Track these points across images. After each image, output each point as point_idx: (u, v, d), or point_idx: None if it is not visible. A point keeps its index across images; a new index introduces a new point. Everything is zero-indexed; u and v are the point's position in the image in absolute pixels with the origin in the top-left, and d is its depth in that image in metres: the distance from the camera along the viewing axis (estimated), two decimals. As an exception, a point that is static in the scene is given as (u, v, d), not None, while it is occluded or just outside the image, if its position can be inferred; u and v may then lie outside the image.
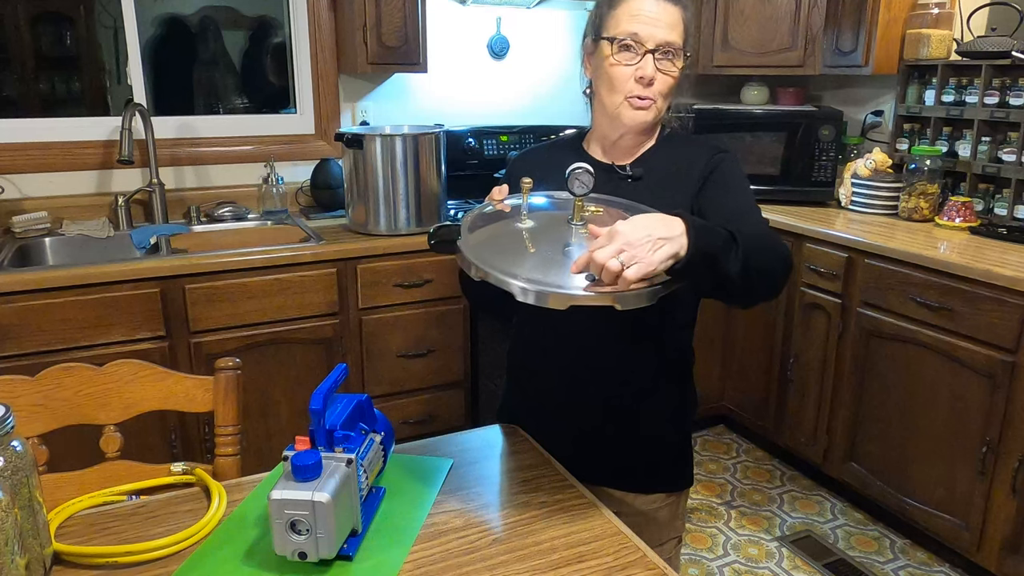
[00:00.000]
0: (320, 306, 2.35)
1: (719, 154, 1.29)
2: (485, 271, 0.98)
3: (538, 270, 0.98)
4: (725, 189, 1.26)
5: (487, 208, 1.18)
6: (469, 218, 1.13)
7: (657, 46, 1.20)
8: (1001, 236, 2.39)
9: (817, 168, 2.93)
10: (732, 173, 1.28)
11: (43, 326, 2.02)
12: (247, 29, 3.33)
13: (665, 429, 1.38)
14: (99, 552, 0.98)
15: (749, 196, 1.27)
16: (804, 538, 2.52)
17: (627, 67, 1.22)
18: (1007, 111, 2.51)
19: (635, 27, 1.20)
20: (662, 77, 1.22)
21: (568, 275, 0.97)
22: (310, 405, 0.96)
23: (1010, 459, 2.08)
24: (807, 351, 2.69)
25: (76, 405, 1.34)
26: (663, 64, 1.21)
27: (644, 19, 1.20)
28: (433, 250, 1.09)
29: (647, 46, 1.20)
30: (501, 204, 1.18)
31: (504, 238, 1.08)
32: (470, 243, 1.05)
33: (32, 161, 2.47)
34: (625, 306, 0.93)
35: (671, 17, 1.20)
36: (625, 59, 1.21)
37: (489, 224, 1.13)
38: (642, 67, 1.20)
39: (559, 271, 0.98)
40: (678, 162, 1.30)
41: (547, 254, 1.04)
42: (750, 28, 3.05)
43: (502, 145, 3.02)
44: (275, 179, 2.73)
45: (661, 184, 1.28)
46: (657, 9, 1.20)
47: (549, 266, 0.99)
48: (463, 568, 0.97)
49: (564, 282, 0.96)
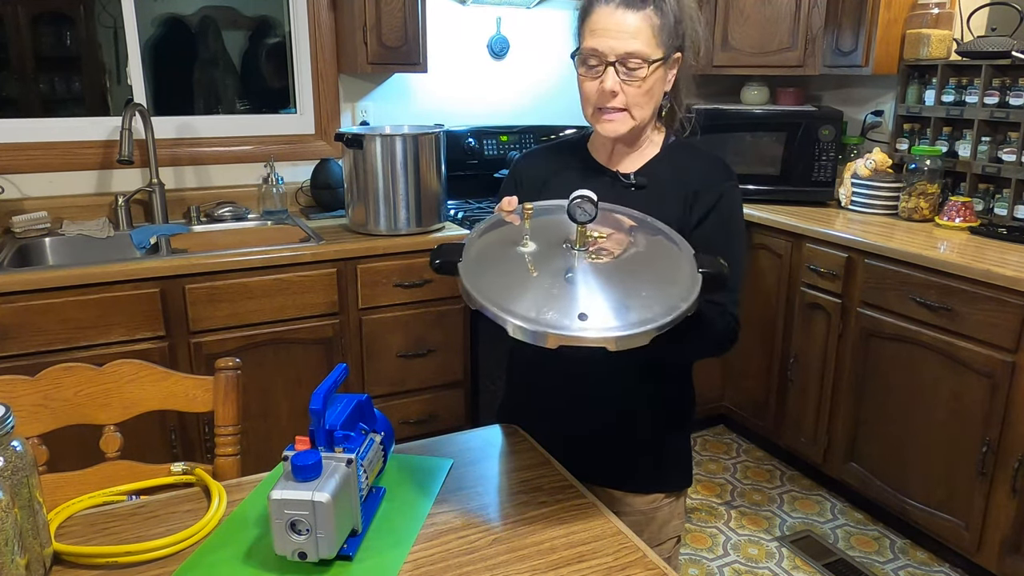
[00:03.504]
0: (320, 306, 2.35)
1: (728, 183, 1.29)
2: (482, 304, 0.98)
3: (537, 303, 0.98)
4: (725, 233, 1.26)
5: (495, 220, 1.17)
6: (475, 235, 1.12)
7: (618, 58, 1.20)
8: (1001, 236, 2.39)
9: (817, 168, 2.93)
10: (733, 211, 1.29)
11: (43, 326, 2.02)
12: (247, 29, 3.33)
13: (664, 429, 1.38)
14: (99, 552, 0.98)
15: (741, 242, 1.28)
16: (804, 538, 2.52)
17: (592, 81, 1.23)
18: (1007, 111, 2.51)
19: (595, 41, 1.20)
20: (628, 87, 1.21)
21: (565, 311, 0.97)
22: (310, 405, 0.96)
23: (1010, 459, 2.08)
24: (807, 351, 2.69)
25: (76, 405, 1.34)
26: (627, 75, 1.21)
27: (602, 32, 1.20)
28: (436, 272, 1.08)
29: (608, 59, 1.20)
30: (511, 216, 1.17)
31: (505, 263, 1.07)
32: (470, 269, 1.04)
33: (32, 161, 2.47)
34: (620, 347, 0.95)
35: (632, 27, 1.19)
36: (590, 74, 1.23)
37: (492, 245, 1.11)
38: (603, 80, 1.21)
39: (557, 304, 0.98)
40: (683, 176, 1.30)
41: (547, 284, 1.02)
42: (750, 28, 3.05)
43: (502, 145, 3.02)
44: (275, 179, 2.73)
45: (662, 195, 1.28)
46: (616, 21, 1.19)
47: (548, 299, 0.99)
48: (463, 568, 0.97)
49: (560, 319, 0.96)
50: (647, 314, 0.97)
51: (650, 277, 1.05)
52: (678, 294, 1.01)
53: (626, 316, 0.97)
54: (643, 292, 1.01)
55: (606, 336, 0.94)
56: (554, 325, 0.95)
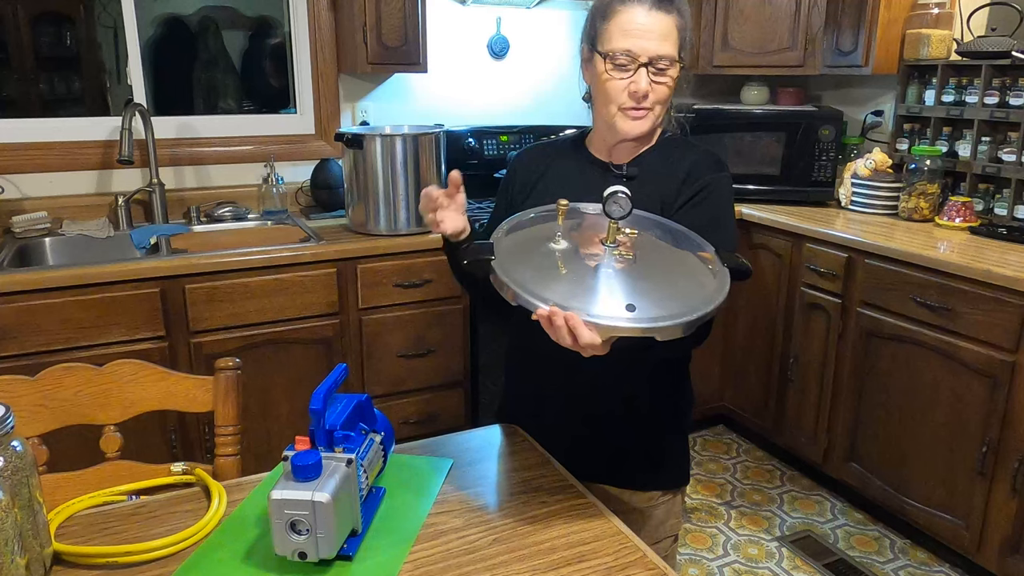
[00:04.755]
0: (320, 306, 2.35)
1: (718, 174, 1.29)
2: (516, 292, 0.99)
3: (581, 296, 0.99)
4: (714, 224, 1.25)
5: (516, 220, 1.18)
6: (501, 234, 1.13)
7: (650, 59, 1.20)
8: (1001, 236, 2.38)
9: (817, 168, 2.93)
10: (721, 202, 1.28)
11: (43, 326, 2.02)
12: (247, 29, 3.33)
13: (662, 428, 1.39)
14: (99, 552, 0.98)
15: (729, 234, 1.28)
16: (804, 538, 2.52)
17: (620, 81, 1.23)
18: (1007, 111, 2.51)
19: (627, 43, 1.20)
20: (657, 87, 1.22)
21: (612, 304, 0.98)
22: (310, 405, 0.96)
23: (1010, 459, 2.08)
24: (807, 351, 2.69)
25: (76, 405, 1.34)
26: (657, 76, 1.21)
27: (636, 33, 1.20)
28: (467, 268, 1.09)
29: (640, 60, 1.20)
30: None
31: (540, 259, 1.08)
32: (504, 264, 1.05)
33: (32, 161, 2.47)
34: (664, 337, 0.97)
35: (663, 28, 1.20)
36: (618, 74, 1.22)
37: (524, 243, 1.13)
38: (636, 81, 1.21)
39: (602, 298, 1.00)
40: (673, 164, 1.30)
41: (580, 276, 1.04)
42: (750, 28, 3.05)
43: (502, 145, 3.02)
44: (275, 179, 2.73)
45: (652, 183, 1.29)
46: (648, 21, 1.20)
47: (591, 293, 1.01)
48: (463, 568, 0.97)
49: (599, 308, 0.97)
50: (688, 306, 1.00)
51: (682, 272, 1.10)
52: (712, 287, 1.05)
53: (669, 307, 0.99)
54: (680, 285, 1.06)
55: (655, 327, 0.96)
56: (603, 316, 0.97)
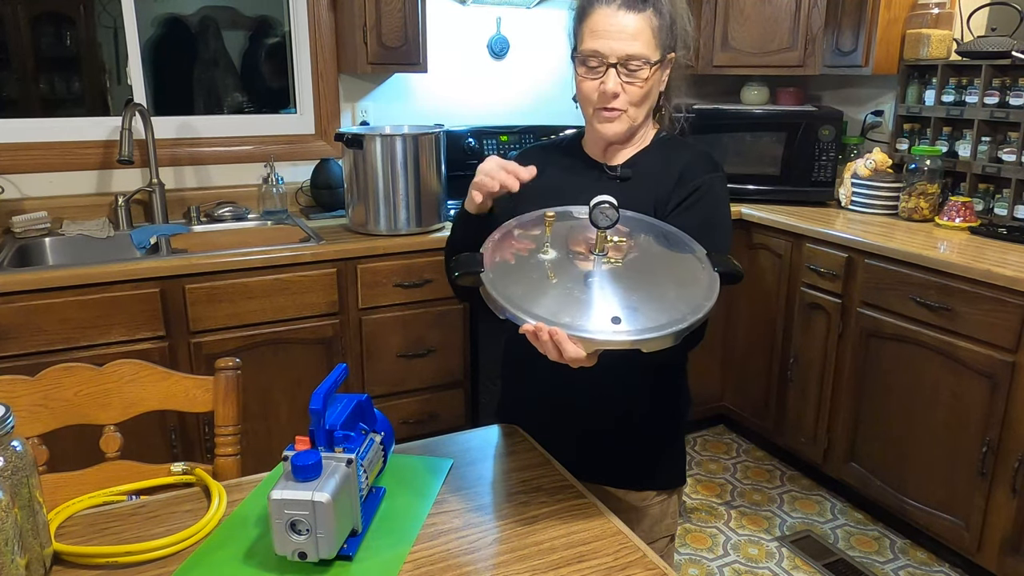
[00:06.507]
0: (320, 306, 2.35)
1: (712, 175, 1.28)
2: (504, 307, 0.99)
3: (568, 308, 0.99)
4: (708, 225, 1.24)
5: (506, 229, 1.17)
6: (490, 245, 1.12)
7: (619, 60, 1.21)
8: (1001, 236, 2.38)
9: (817, 168, 2.93)
10: (716, 202, 1.27)
11: (43, 326, 2.02)
12: (247, 29, 3.33)
13: (658, 428, 1.39)
14: (99, 552, 0.98)
15: (724, 235, 1.27)
16: (804, 538, 2.52)
17: (592, 81, 1.24)
18: (1007, 111, 2.51)
19: (596, 43, 1.21)
20: (629, 88, 1.23)
21: (597, 316, 0.98)
22: (310, 405, 0.96)
23: (1010, 459, 2.08)
24: (807, 351, 2.69)
25: (76, 405, 1.34)
26: (628, 76, 1.22)
27: (603, 34, 1.21)
28: (457, 282, 1.08)
29: (609, 61, 1.21)
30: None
31: (528, 271, 1.08)
32: (495, 279, 1.04)
33: (32, 161, 2.47)
34: (650, 348, 0.96)
35: (634, 27, 1.20)
36: (590, 75, 1.24)
37: (511, 255, 1.12)
38: (604, 82, 1.22)
39: (587, 309, 0.99)
40: (667, 165, 1.30)
41: (574, 290, 1.03)
42: (750, 28, 3.05)
43: (502, 145, 3.02)
44: (275, 179, 2.73)
45: (646, 184, 1.29)
46: (617, 22, 1.20)
47: (577, 304, 1.00)
48: (463, 568, 0.97)
49: (584, 322, 0.97)
50: (675, 314, 0.99)
51: (671, 279, 1.08)
52: (700, 294, 1.04)
53: (656, 317, 0.98)
54: (668, 294, 1.04)
55: (640, 339, 0.96)
56: (588, 330, 0.96)
